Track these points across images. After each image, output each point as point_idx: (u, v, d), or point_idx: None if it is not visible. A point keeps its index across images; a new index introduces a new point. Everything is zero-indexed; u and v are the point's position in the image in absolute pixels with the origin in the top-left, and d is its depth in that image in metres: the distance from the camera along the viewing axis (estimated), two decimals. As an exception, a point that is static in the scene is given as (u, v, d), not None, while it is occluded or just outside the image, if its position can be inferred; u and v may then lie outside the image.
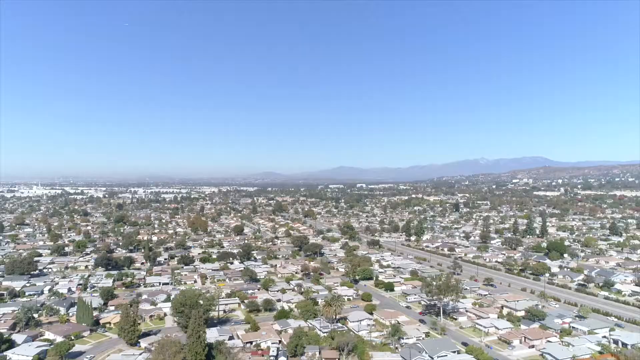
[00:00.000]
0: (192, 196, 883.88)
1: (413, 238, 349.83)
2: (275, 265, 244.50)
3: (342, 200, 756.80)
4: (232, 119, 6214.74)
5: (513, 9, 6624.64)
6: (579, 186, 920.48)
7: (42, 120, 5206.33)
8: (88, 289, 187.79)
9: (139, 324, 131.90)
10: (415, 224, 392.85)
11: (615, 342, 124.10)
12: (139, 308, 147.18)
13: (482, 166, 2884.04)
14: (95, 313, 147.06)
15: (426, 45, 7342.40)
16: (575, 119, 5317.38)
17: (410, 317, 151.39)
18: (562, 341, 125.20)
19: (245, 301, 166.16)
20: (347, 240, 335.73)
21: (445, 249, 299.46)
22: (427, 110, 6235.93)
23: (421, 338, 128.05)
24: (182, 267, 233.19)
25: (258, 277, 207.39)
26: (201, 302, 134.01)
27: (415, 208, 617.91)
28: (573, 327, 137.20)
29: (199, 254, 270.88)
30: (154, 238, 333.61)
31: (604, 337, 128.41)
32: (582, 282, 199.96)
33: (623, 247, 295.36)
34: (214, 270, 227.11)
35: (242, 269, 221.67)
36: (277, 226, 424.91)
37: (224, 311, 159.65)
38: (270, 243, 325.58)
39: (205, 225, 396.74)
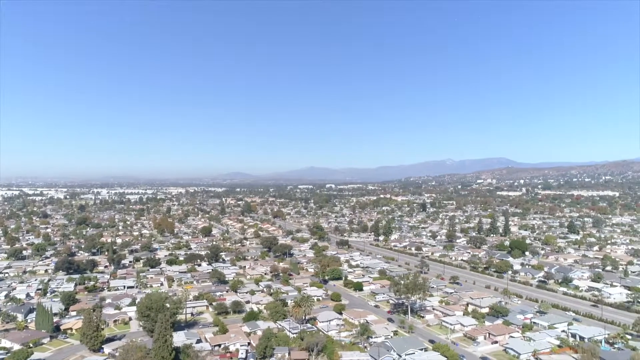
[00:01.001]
0: (158, 197, 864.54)
1: (381, 238, 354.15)
2: (244, 266, 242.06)
3: (312, 201, 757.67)
4: (200, 119, 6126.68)
5: (482, 11, 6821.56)
6: (540, 186, 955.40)
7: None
8: (48, 294, 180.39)
9: (103, 329, 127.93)
10: (383, 223, 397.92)
11: (574, 335, 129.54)
12: (102, 312, 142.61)
13: (448, 167, 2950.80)
14: (55, 319, 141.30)
15: (398, 48, 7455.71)
16: (536, 121, 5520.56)
17: (379, 316, 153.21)
18: (524, 336, 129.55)
19: (214, 303, 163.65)
20: (316, 240, 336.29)
21: (413, 248, 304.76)
22: (396, 112, 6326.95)
23: (389, 336, 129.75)
24: (148, 270, 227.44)
25: (226, 279, 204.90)
26: (168, 305, 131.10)
27: (383, 208, 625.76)
28: (534, 323, 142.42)
29: (165, 256, 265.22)
30: (118, 240, 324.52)
31: (563, 331, 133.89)
32: (542, 279, 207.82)
33: (580, 244, 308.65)
34: (181, 272, 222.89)
35: (210, 270, 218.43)
36: (246, 227, 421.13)
37: (192, 314, 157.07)
38: (239, 244, 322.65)
39: (172, 227, 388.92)
